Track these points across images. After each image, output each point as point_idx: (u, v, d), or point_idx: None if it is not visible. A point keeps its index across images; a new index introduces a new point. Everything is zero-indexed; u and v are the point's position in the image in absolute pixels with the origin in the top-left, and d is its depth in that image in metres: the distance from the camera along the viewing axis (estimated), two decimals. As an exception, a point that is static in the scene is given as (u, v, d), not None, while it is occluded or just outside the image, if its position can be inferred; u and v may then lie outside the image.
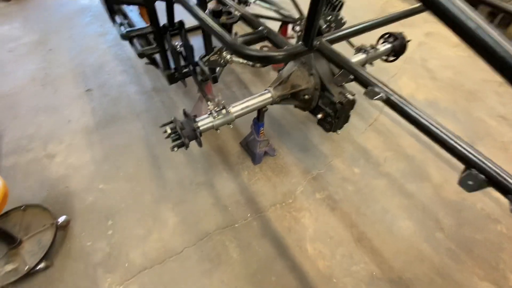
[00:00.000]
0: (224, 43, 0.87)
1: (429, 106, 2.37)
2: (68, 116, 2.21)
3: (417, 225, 1.66)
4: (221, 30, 0.88)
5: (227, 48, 0.86)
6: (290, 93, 1.54)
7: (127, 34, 1.30)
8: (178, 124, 1.31)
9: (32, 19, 3.35)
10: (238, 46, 0.83)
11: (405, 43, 1.90)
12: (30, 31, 3.14)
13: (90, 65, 2.69)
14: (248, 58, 0.82)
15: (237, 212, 1.68)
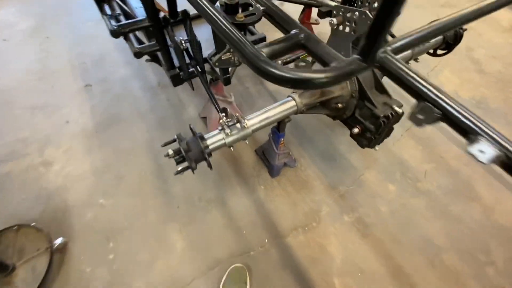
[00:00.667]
0: (240, 54, 0.60)
1: (477, 107, 2.02)
2: (66, 116, 2.01)
3: (463, 257, 1.40)
4: (235, 33, 0.61)
5: (245, 62, 0.59)
6: (320, 101, 1.26)
7: (118, 29, 1.03)
8: (183, 145, 1.07)
9: (28, 2, 3.08)
10: (263, 61, 0.56)
11: (460, 33, 1.54)
12: (26, 16, 2.88)
13: (90, 56, 2.44)
14: (277, 80, 0.55)
15: (252, 237, 1.47)
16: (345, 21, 1.04)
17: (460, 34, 1.54)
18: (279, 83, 0.56)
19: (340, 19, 1.04)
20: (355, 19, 0.99)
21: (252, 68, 0.59)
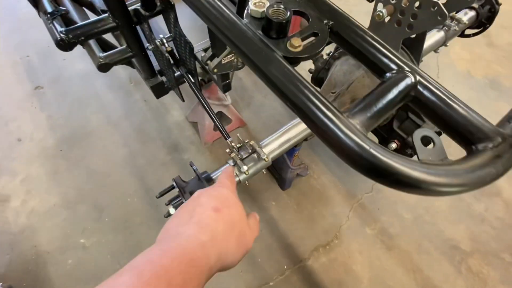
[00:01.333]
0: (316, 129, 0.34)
1: (490, 87, 1.87)
2: (16, 132, 1.59)
3: (489, 259, 1.35)
4: (304, 87, 0.33)
5: (327, 142, 0.32)
6: (351, 114, 1.01)
7: (68, 38, 0.65)
8: (187, 197, 0.80)
9: None
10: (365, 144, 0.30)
11: (495, 9, 1.31)
12: None
13: (34, 46, 1.91)
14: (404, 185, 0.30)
15: (270, 264, 1.30)
16: (397, 12, 0.75)
17: (494, 9, 1.31)
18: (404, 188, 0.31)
19: (390, 9, 0.75)
20: (417, 11, 0.71)
21: (342, 156, 0.33)
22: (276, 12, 0.38)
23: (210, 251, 0.35)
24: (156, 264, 0.30)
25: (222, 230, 0.38)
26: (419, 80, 0.36)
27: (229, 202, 0.42)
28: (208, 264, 0.34)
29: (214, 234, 0.37)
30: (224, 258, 0.37)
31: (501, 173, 0.31)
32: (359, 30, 0.40)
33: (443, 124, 0.36)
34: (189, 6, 0.44)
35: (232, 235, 0.39)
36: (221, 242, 0.37)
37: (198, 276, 0.32)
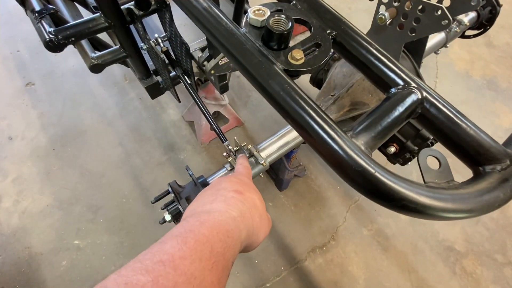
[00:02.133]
0: (318, 148, 0.32)
1: (487, 88, 1.87)
2: (7, 131, 1.55)
3: (482, 260, 1.37)
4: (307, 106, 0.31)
5: (329, 162, 0.31)
6: (351, 116, 1.00)
7: (57, 39, 0.62)
8: (183, 204, 0.78)
9: None
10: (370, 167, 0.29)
11: (496, 10, 1.30)
12: None
13: (24, 41, 1.85)
14: (407, 209, 0.29)
15: (266, 265, 1.30)
16: (400, 15, 0.73)
17: (495, 10, 1.29)
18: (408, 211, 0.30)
19: (393, 12, 0.73)
20: (420, 16, 0.69)
21: (345, 178, 0.31)
22: (277, 22, 0.36)
23: (241, 225, 0.36)
24: (197, 232, 0.30)
25: (247, 208, 0.39)
26: (425, 97, 0.35)
27: (250, 188, 0.43)
28: (240, 238, 0.35)
29: (241, 212, 0.37)
30: (252, 235, 0.38)
31: (509, 198, 0.30)
32: (364, 42, 0.38)
33: (450, 143, 0.34)
34: (185, 12, 0.42)
35: (256, 214, 0.40)
36: (248, 219, 0.38)
37: (234, 247, 0.33)
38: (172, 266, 0.25)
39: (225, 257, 0.30)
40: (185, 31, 1.64)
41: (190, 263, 0.26)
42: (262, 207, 0.43)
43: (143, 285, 0.23)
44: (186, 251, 0.27)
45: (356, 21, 1.47)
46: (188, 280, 0.25)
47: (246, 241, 0.37)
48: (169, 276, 0.25)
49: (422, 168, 0.33)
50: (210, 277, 0.27)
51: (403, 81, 0.36)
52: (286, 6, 0.41)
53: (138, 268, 0.25)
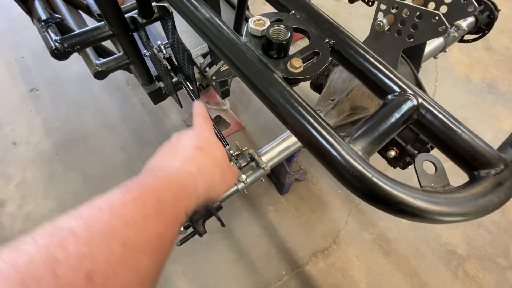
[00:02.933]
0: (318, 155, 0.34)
1: (487, 91, 1.88)
2: (11, 136, 1.57)
3: (485, 264, 1.36)
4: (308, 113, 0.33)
5: (329, 168, 0.32)
6: (351, 120, 1.01)
7: (63, 47, 0.64)
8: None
9: None
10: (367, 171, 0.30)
11: (494, 15, 1.31)
12: None
13: (29, 47, 1.88)
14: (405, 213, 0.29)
15: (268, 270, 1.30)
16: (398, 22, 0.75)
17: (493, 15, 1.31)
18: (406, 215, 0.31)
19: (391, 19, 0.75)
20: (417, 22, 0.71)
21: (344, 183, 0.32)
22: (276, 32, 0.38)
23: (198, 181, 0.35)
24: (145, 183, 0.29)
25: (207, 164, 0.38)
26: (421, 103, 0.36)
27: (211, 142, 0.42)
28: (196, 192, 0.34)
29: (201, 168, 0.37)
30: (211, 191, 0.38)
31: (503, 201, 0.31)
32: (361, 50, 0.40)
33: (445, 148, 0.35)
34: (188, 23, 0.43)
35: (217, 170, 0.39)
36: (207, 176, 0.37)
37: (187, 200, 0.32)
38: (109, 211, 0.24)
39: (175, 207, 0.29)
40: (187, 37, 1.67)
41: (131, 209, 0.25)
42: (224, 162, 0.42)
43: (74, 229, 0.21)
44: (128, 198, 0.26)
45: (356, 26, 1.51)
46: (127, 224, 0.24)
47: (204, 196, 0.36)
48: (104, 220, 0.23)
49: (419, 173, 0.33)
50: (154, 223, 0.26)
51: (400, 88, 0.37)
52: (285, 16, 0.42)
53: (73, 215, 0.23)
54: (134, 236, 0.23)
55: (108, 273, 0.21)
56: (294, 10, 0.44)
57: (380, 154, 1.07)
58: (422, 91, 0.37)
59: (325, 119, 0.91)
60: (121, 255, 0.22)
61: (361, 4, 1.25)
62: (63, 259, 0.19)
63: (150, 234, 0.25)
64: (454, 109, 1.78)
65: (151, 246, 0.25)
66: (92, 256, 0.21)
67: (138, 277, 0.23)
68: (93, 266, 0.20)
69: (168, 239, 0.27)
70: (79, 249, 0.20)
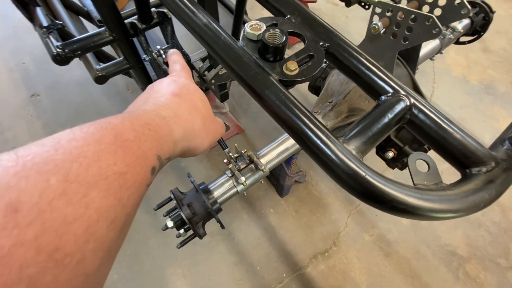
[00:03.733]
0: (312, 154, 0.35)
1: (485, 92, 1.89)
2: (12, 141, 1.58)
3: (485, 265, 1.36)
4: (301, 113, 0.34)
5: (323, 167, 0.33)
6: (349, 122, 1.02)
7: (64, 53, 0.65)
8: (185, 210, 0.80)
9: None
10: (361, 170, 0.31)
11: (489, 17, 1.33)
12: None
13: (29, 53, 1.90)
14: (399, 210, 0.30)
15: (268, 272, 1.30)
16: (393, 25, 0.76)
17: (488, 17, 1.33)
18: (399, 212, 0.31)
19: (386, 22, 0.76)
20: (412, 25, 0.72)
21: (338, 181, 0.33)
22: (272, 36, 0.39)
23: (173, 125, 0.31)
24: (103, 122, 0.25)
25: (185, 110, 0.35)
26: (413, 103, 0.37)
27: (189, 89, 0.38)
28: (171, 136, 0.31)
29: (176, 113, 0.33)
30: (191, 138, 0.34)
31: (494, 198, 0.31)
32: (354, 52, 0.41)
33: (438, 146, 0.36)
34: (187, 28, 0.45)
35: (197, 117, 0.36)
36: (185, 122, 0.34)
37: (158, 141, 0.28)
38: (53, 146, 0.21)
39: (140, 147, 0.25)
40: (186, 41, 1.69)
41: (81, 145, 0.22)
42: (205, 109, 0.38)
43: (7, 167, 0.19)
44: (78, 135, 0.23)
45: (353, 29, 1.53)
46: (73, 159, 0.21)
47: (183, 143, 0.33)
48: (43, 155, 0.20)
49: (412, 171, 0.34)
50: (111, 160, 0.22)
51: (392, 88, 0.38)
52: (281, 20, 0.43)
53: (13, 152, 0.20)
54: (82, 170, 0.21)
55: (41, 205, 0.18)
56: (290, 15, 0.46)
57: (379, 155, 1.07)
58: (417, 93, 0.38)
59: (323, 121, 0.92)
60: (61, 188, 0.19)
61: (357, 7, 1.27)
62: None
63: (104, 170, 0.22)
64: (452, 110, 1.79)
65: (107, 183, 0.22)
66: (19, 187, 0.18)
67: (88, 212, 0.20)
68: (18, 197, 0.18)
69: (133, 180, 0.24)
70: (4, 184, 0.18)
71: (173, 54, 0.44)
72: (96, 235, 0.20)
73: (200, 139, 0.36)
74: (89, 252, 0.19)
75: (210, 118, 0.39)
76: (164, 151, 0.29)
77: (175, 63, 0.42)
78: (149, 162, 0.26)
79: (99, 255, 0.21)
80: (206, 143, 0.38)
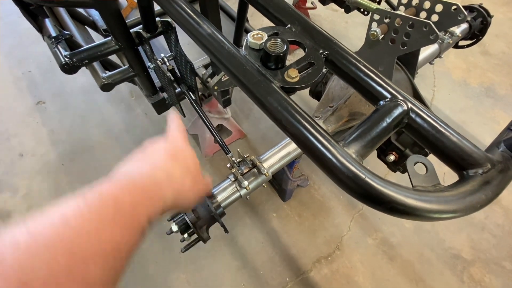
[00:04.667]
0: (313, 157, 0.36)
1: (485, 95, 1.90)
2: (18, 147, 1.60)
3: (490, 268, 1.35)
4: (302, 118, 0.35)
5: (325, 170, 0.34)
6: (350, 126, 1.03)
7: (73, 62, 0.68)
8: (189, 214, 0.81)
9: None
10: (361, 173, 0.32)
11: (487, 21, 1.35)
12: None
13: (35, 62, 1.94)
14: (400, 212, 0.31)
15: (272, 277, 1.29)
16: (391, 31, 0.78)
17: (486, 21, 1.34)
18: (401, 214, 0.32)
19: (384, 28, 0.78)
20: (409, 31, 0.74)
21: (340, 184, 0.34)
22: (273, 45, 0.40)
23: (165, 187, 0.34)
24: (104, 190, 0.28)
25: (178, 172, 0.37)
26: (411, 108, 0.38)
27: (184, 151, 0.41)
28: (162, 198, 0.33)
29: (170, 176, 0.36)
30: (180, 198, 0.37)
31: (490, 199, 0.32)
32: (353, 59, 0.42)
33: (435, 149, 0.37)
34: (192, 38, 0.47)
35: (187, 178, 0.39)
36: (176, 183, 0.36)
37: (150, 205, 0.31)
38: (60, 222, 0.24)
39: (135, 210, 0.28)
40: (189, 49, 1.72)
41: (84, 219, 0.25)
42: (195, 170, 0.41)
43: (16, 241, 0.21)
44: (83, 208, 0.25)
45: (352, 34, 1.55)
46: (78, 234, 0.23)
47: (172, 202, 0.36)
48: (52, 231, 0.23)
49: (410, 174, 0.35)
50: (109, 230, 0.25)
51: (390, 94, 0.39)
52: (282, 29, 0.45)
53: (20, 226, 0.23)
54: (85, 245, 0.23)
55: (49, 283, 0.20)
56: (290, 24, 0.48)
57: (380, 159, 1.08)
58: (416, 97, 0.40)
59: (324, 126, 0.94)
60: (66, 265, 0.21)
61: (357, 13, 1.29)
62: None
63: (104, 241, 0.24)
64: (453, 113, 1.80)
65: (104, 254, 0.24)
66: (32, 266, 0.20)
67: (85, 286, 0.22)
68: (31, 277, 0.20)
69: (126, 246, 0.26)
70: (16, 261, 0.20)
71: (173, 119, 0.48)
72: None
73: (188, 198, 0.39)
74: None
75: (199, 177, 0.42)
76: (155, 213, 0.32)
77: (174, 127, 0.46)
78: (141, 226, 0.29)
79: None
80: (192, 201, 0.41)
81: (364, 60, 0.45)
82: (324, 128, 0.80)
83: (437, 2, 0.80)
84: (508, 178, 0.33)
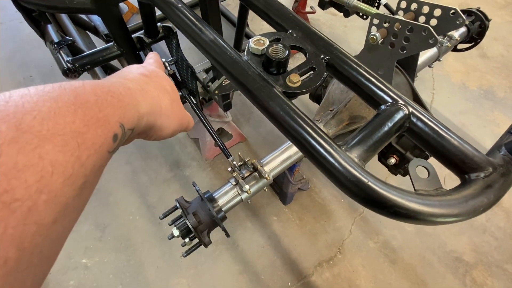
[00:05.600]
0: (316, 162, 0.36)
1: (484, 98, 1.91)
2: (18, 152, 1.60)
3: (492, 271, 1.34)
4: (305, 124, 0.35)
5: (327, 174, 0.34)
6: (350, 130, 1.03)
7: (74, 67, 0.68)
8: (190, 218, 0.80)
9: None
10: (363, 177, 0.32)
11: (485, 24, 1.36)
12: None
13: (36, 66, 1.95)
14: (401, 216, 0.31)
15: (273, 281, 1.29)
16: (390, 35, 0.79)
17: (484, 25, 1.35)
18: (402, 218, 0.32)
19: (384, 32, 0.79)
20: (409, 35, 0.74)
21: (342, 188, 0.34)
22: (275, 50, 0.41)
23: (139, 97, 0.30)
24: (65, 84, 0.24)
25: (153, 88, 0.34)
26: (412, 112, 0.38)
27: (158, 74, 0.38)
28: (136, 107, 0.29)
29: (143, 88, 0.32)
30: (157, 115, 0.33)
31: (493, 203, 0.32)
32: (354, 64, 0.43)
33: (437, 153, 0.38)
34: (194, 44, 0.47)
35: (165, 96, 0.35)
36: (152, 97, 0.33)
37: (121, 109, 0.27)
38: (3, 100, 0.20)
39: (102, 111, 0.24)
40: (190, 54, 1.73)
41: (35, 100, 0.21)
42: (174, 93, 0.38)
43: None
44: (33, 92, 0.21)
45: (352, 38, 1.56)
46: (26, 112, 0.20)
47: (149, 116, 0.32)
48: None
49: (412, 177, 0.36)
50: (68, 118, 0.21)
51: (391, 98, 0.40)
52: (283, 35, 0.45)
53: None
54: (36, 123, 0.20)
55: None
56: (291, 29, 0.48)
57: (381, 162, 1.09)
58: (416, 100, 0.40)
59: (324, 129, 0.94)
60: (12, 135, 0.18)
61: (356, 17, 1.31)
62: None
63: (61, 126, 0.21)
64: (452, 116, 1.81)
65: (63, 139, 0.21)
66: None
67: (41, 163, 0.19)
68: None
69: (92, 142, 0.23)
70: None
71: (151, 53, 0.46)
72: (50, 187, 0.19)
73: (167, 119, 0.35)
74: (42, 203, 0.19)
75: (178, 102, 0.39)
76: (128, 120, 0.27)
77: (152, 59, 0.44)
78: (111, 127, 0.25)
79: (54, 208, 0.20)
80: (172, 126, 0.36)
81: (364, 64, 0.45)
82: (325, 131, 0.80)
83: (436, 7, 0.80)
84: (509, 181, 0.33)
